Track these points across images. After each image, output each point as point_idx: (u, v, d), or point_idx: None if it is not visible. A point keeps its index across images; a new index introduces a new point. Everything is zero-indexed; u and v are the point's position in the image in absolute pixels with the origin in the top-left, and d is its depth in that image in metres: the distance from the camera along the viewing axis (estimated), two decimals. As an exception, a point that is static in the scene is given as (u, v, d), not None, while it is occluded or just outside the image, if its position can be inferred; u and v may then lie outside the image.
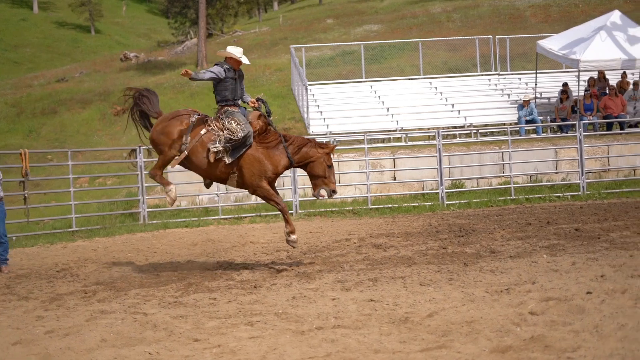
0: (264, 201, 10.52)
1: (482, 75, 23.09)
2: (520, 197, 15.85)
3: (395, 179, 16.76)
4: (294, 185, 15.57)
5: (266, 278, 9.02)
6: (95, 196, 17.70)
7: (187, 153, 9.44)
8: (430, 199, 16.12)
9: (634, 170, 17.06)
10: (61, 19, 77.68)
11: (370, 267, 9.27)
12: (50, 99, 30.14)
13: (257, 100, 9.84)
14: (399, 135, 19.22)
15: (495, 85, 22.33)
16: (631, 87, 19.61)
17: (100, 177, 19.28)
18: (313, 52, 35.97)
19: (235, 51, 9.61)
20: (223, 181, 9.68)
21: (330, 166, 9.47)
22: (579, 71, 18.64)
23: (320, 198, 9.57)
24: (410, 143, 18.28)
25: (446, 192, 15.92)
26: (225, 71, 9.45)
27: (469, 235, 11.57)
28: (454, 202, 15.74)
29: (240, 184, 9.57)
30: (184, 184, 16.29)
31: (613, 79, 20.51)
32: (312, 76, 26.90)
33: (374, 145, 18.12)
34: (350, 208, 15.54)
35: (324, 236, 12.55)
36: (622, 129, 18.62)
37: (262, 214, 15.46)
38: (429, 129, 20.10)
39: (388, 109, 20.61)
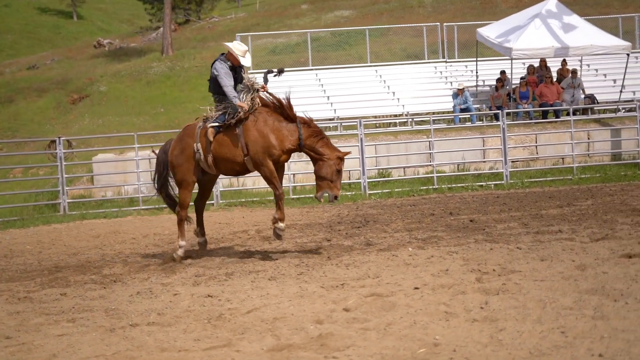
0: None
1: (429, 62, 23.02)
2: (443, 186, 15.88)
3: (322, 168, 16.73)
4: (214, 175, 15.55)
5: (132, 272, 9.04)
6: (25, 187, 17.73)
7: (211, 156, 9.17)
8: (354, 189, 16.14)
9: (563, 158, 17.07)
10: (43, 5, 77.25)
11: (238, 260, 9.30)
12: (8, 88, 30.12)
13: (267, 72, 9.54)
14: (336, 124, 19.20)
15: (441, 73, 22.28)
16: (570, 75, 19.57)
17: (34, 167, 19.32)
18: (280, 39, 35.91)
19: (239, 48, 9.14)
20: (246, 169, 9.34)
21: (339, 171, 9.05)
22: (511, 59, 18.59)
23: (321, 201, 9.18)
24: (344, 132, 18.26)
25: (369, 182, 15.94)
26: (226, 68, 9.11)
27: (365, 226, 11.62)
28: (376, 191, 15.76)
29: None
30: (110, 174, 16.35)
31: (554, 66, 20.47)
32: (270, 64, 26.83)
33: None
34: (272, 198, 15.54)
35: (229, 227, 12.60)
36: (557, 117, 18.61)
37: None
38: (375, 117, 20.17)
39: (328, 97, 20.59)
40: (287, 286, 7.54)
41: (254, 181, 16.14)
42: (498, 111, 18.18)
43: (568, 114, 18.94)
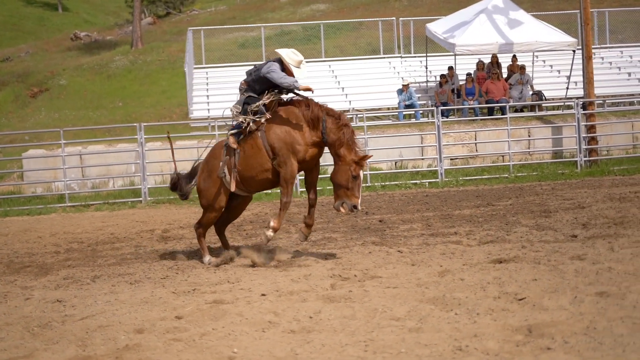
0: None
1: (384, 58, 22.77)
2: (377, 184, 15.65)
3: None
4: (142, 172, 15.31)
5: (6, 273, 8.82)
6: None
7: (236, 173, 8.53)
8: (287, 186, 15.90)
9: (503, 156, 16.84)
10: (29, -4, 76.83)
11: (117, 262, 9.08)
12: (-32, 81, 29.83)
13: None
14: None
15: (394, 68, 22.02)
16: (519, 71, 19.32)
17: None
18: (252, 33, 35.64)
19: (293, 58, 8.33)
20: (278, 176, 8.43)
21: (356, 177, 8.08)
22: (454, 55, 18.34)
23: (341, 212, 8.19)
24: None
25: (301, 179, 15.69)
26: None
27: (274, 226, 11.37)
28: (309, 189, 15.51)
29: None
30: (41, 170, 16.13)
31: (505, 62, 20.21)
32: (235, 57, 26.59)
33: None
34: (201, 195, 15.31)
35: (141, 226, 12.37)
36: (503, 114, 18.35)
37: (110, 201, 15.21)
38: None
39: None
40: (141, 291, 7.33)
41: (187, 178, 15.88)
42: (435, 108, 17.94)
43: (516, 111, 18.75)
